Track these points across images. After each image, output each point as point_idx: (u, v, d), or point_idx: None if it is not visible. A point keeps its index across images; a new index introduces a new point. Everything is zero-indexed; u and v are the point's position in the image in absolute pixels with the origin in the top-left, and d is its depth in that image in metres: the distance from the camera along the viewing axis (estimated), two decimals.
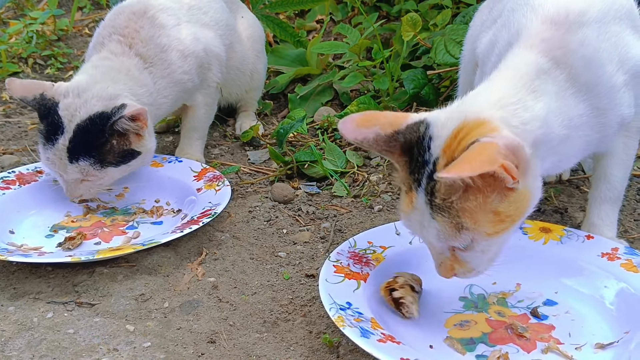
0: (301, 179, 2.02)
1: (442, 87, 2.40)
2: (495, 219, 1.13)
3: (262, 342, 1.33)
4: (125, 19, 1.85)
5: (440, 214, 1.13)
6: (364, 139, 1.18)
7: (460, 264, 1.22)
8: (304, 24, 3.13)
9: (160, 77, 1.85)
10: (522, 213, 1.16)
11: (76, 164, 1.66)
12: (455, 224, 1.13)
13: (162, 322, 1.38)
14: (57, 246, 1.62)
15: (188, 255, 1.62)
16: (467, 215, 1.12)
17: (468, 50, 1.80)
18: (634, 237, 1.65)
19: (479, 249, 1.18)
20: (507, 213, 1.13)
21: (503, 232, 1.16)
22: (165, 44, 1.85)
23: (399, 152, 1.19)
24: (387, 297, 1.33)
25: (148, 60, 1.83)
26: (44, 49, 3.04)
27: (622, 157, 1.49)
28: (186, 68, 1.90)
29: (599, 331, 1.29)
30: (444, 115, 1.18)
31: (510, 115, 1.17)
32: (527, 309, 1.36)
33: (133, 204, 1.84)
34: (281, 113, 2.54)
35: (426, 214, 1.16)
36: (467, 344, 1.26)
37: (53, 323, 1.37)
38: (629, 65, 1.33)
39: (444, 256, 1.22)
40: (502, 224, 1.14)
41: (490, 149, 1.07)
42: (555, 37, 1.27)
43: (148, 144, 1.74)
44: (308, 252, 1.64)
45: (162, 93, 1.86)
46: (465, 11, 2.39)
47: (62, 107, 1.66)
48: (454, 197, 1.12)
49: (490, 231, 1.14)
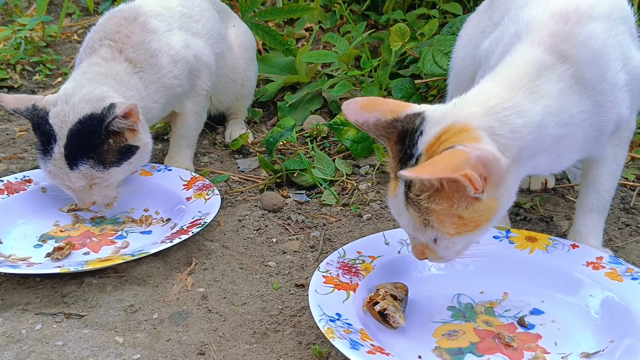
0: (290, 187, 2.03)
1: (429, 96, 2.41)
2: (459, 222, 1.18)
3: (251, 353, 1.34)
4: (116, 24, 1.86)
5: (412, 207, 1.20)
6: (365, 121, 1.23)
7: (430, 250, 1.27)
8: (292, 32, 3.14)
9: (150, 82, 1.85)
10: (487, 220, 1.20)
11: (77, 170, 1.67)
12: (422, 219, 1.19)
13: (151, 334, 1.39)
14: (45, 256, 1.62)
15: (177, 265, 1.62)
16: (434, 215, 1.18)
17: (459, 57, 1.81)
18: (618, 246, 1.67)
19: (443, 245, 1.24)
20: (471, 219, 1.18)
21: (466, 234, 1.20)
22: (155, 49, 1.86)
23: (395, 140, 1.23)
24: (372, 311, 1.34)
25: (138, 65, 1.83)
26: (32, 55, 3.04)
27: (611, 167, 1.50)
28: (176, 73, 1.91)
29: (585, 340, 1.31)
30: (440, 112, 1.21)
31: (499, 123, 1.19)
32: (514, 318, 1.38)
33: (122, 213, 1.84)
34: (270, 121, 2.55)
35: (402, 204, 1.22)
36: (455, 354, 1.27)
37: (42, 335, 1.37)
38: (630, 66, 1.35)
39: (417, 241, 1.28)
40: (466, 227, 1.19)
41: (458, 157, 1.11)
42: (563, 31, 1.28)
43: (144, 138, 1.75)
44: (298, 262, 1.65)
45: (152, 97, 1.87)
46: (452, 22, 2.41)
47: (52, 116, 1.67)
48: (423, 196, 1.17)
49: (452, 232, 1.19)
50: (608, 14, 1.33)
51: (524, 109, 1.21)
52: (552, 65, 1.26)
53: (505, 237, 1.55)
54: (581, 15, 1.30)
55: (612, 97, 1.32)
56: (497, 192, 1.18)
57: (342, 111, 1.26)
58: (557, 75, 1.26)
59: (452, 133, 1.16)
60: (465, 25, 1.86)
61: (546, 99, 1.24)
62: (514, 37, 1.34)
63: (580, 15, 1.30)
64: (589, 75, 1.28)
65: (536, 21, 1.32)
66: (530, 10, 1.35)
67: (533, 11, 1.34)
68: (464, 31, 1.85)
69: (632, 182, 1.94)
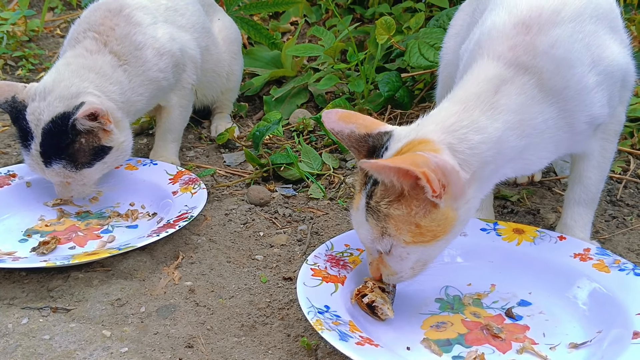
0: (277, 181, 2.03)
1: (416, 89, 2.42)
2: (416, 231, 1.20)
3: (240, 346, 1.33)
4: (100, 16, 1.84)
5: (371, 216, 1.23)
6: (340, 131, 1.28)
7: (385, 266, 1.29)
8: (278, 26, 3.13)
9: (135, 75, 1.84)
10: (445, 232, 1.21)
11: (51, 168, 1.66)
12: (380, 227, 1.22)
13: (138, 327, 1.38)
14: (31, 251, 1.60)
15: (164, 259, 1.61)
16: (392, 222, 1.20)
17: (449, 48, 1.80)
18: (605, 238, 1.68)
19: (397, 255, 1.25)
20: (429, 228, 1.20)
21: (421, 244, 1.22)
22: (140, 42, 1.85)
23: (364, 153, 1.28)
24: (360, 304, 1.34)
25: (122, 57, 1.81)
26: (14, 50, 3.00)
27: (598, 160, 1.51)
28: (162, 66, 1.89)
29: (572, 331, 1.31)
30: (405, 131, 1.26)
31: (458, 140, 1.21)
32: (501, 309, 1.38)
33: (107, 208, 1.83)
34: (256, 115, 2.54)
35: (362, 215, 1.25)
36: (443, 345, 1.27)
37: (28, 329, 1.36)
38: (603, 66, 1.32)
39: (373, 257, 1.30)
40: (422, 236, 1.20)
41: (418, 157, 1.15)
42: (524, 42, 1.27)
43: (119, 138, 1.73)
44: (285, 255, 1.64)
45: (136, 91, 1.85)
46: (439, 15, 2.41)
47: (29, 112, 1.67)
48: (383, 202, 1.20)
49: (408, 240, 1.21)
50: (575, 17, 1.30)
51: (481, 126, 1.23)
52: (512, 78, 1.26)
53: (492, 230, 1.55)
54: (543, 23, 1.28)
55: (578, 102, 1.31)
56: (456, 203, 1.20)
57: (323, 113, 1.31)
58: (518, 88, 1.26)
59: (412, 145, 1.21)
60: (456, 14, 1.85)
61: (505, 114, 1.25)
62: (476, 45, 1.35)
63: (542, 23, 1.28)
64: (551, 83, 1.28)
65: (498, 30, 1.31)
66: (494, 17, 1.34)
67: (496, 18, 1.33)
68: (455, 20, 1.84)
69: (619, 175, 1.95)
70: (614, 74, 1.36)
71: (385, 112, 2.34)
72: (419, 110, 2.35)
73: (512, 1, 1.34)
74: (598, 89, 1.33)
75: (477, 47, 1.33)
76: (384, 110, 2.35)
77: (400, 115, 2.32)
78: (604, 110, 1.36)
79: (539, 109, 1.28)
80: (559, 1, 1.31)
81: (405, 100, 2.31)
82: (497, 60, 1.28)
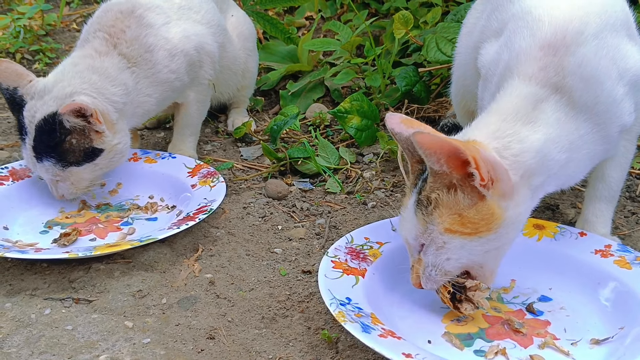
0: (294, 175, 2.03)
1: (433, 84, 2.41)
2: (458, 219, 1.20)
3: (261, 337, 1.34)
4: (112, 17, 1.83)
5: (419, 210, 1.24)
6: (399, 132, 1.30)
7: (420, 264, 1.28)
8: (293, 21, 3.13)
9: (144, 77, 1.83)
10: (487, 229, 1.21)
11: (42, 164, 1.69)
12: (426, 219, 1.23)
13: (160, 319, 1.38)
14: (52, 242, 1.61)
15: (184, 251, 1.62)
16: (437, 211, 1.21)
17: (463, 48, 1.81)
18: (624, 234, 1.67)
19: (435, 245, 1.24)
20: (471, 220, 1.20)
21: (460, 236, 1.21)
22: (151, 44, 1.83)
23: (417, 159, 1.29)
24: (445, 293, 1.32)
25: (132, 60, 1.81)
26: (32, 43, 3.02)
27: (620, 160, 1.52)
28: (173, 67, 1.88)
29: (594, 327, 1.31)
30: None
31: (503, 147, 1.24)
32: (522, 304, 1.38)
33: (127, 200, 1.84)
34: (272, 109, 2.54)
35: (411, 211, 1.27)
36: (464, 339, 1.28)
37: (51, 319, 1.37)
38: (629, 77, 1.35)
39: (414, 259, 1.30)
40: (463, 227, 1.20)
41: (471, 144, 1.17)
42: (553, 64, 1.29)
43: (111, 141, 1.72)
44: (304, 249, 1.65)
45: (143, 92, 1.84)
46: (456, 9, 2.40)
47: (25, 109, 1.69)
48: (433, 193, 1.21)
49: (447, 226, 1.21)
50: (597, 34, 1.32)
51: (523, 136, 1.25)
52: (547, 97, 1.29)
53: None
54: (569, 44, 1.30)
55: (611, 114, 1.33)
56: (505, 202, 1.21)
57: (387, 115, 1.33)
58: (552, 105, 1.29)
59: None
60: (469, 12, 1.85)
61: (545, 127, 1.27)
62: (505, 68, 1.36)
63: (567, 44, 1.30)
64: (583, 100, 1.30)
65: (525, 53, 1.33)
66: (520, 41, 1.35)
67: (522, 42, 1.34)
68: (467, 19, 1.84)
69: (638, 171, 1.94)
70: (638, 81, 1.38)
71: (402, 106, 2.33)
72: (436, 105, 2.34)
73: (534, 22, 1.35)
74: (626, 98, 1.35)
75: (507, 71, 1.35)
76: (401, 105, 2.34)
77: (417, 110, 2.31)
78: (632, 117, 1.39)
79: (575, 125, 1.30)
80: (581, 21, 1.32)
81: (422, 95, 2.31)
82: (529, 80, 1.30)
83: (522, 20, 1.38)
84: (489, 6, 1.63)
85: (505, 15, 1.47)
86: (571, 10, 1.33)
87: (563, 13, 1.33)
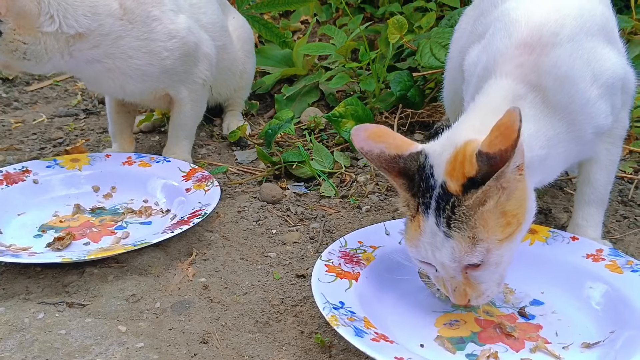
0: (289, 179, 2.03)
1: (427, 89, 2.42)
2: (503, 221, 1.16)
3: (254, 342, 1.34)
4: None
5: (457, 230, 1.16)
6: (369, 151, 1.22)
7: (472, 287, 1.23)
8: (288, 25, 3.14)
9: (135, 37, 1.82)
10: (523, 214, 1.19)
11: None
12: (470, 237, 1.15)
13: (154, 323, 1.39)
14: (46, 246, 1.61)
15: (178, 255, 1.62)
16: (482, 222, 1.14)
17: (454, 52, 1.82)
18: (616, 238, 1.68)
19: (493, 261, 1.19)
20: (513, 212, 1.17)
21: (510, 237, 1.18)
22: (155, 16, 1.84)
23: (395, 174, 1.23)
24: None
25: (129, 13, 1.80)
26: None
27: (605, 163, 1.53)
28: (168, 46, 1.87)
29: (585, 331, 1.32)
30: (438, 146, 1.22)
31: None
32: (514, 308, 1.39)
33: (121, 204, 1.84)
34: (267, 113, 2.55)
35: (439, 235, 1.18)
36: (457, 343, 1.28)
37: (44, 324, 1.37)
38: (604, 79, 1.36)
39: (457, 281, 1.23)
40: (509, 226, 1.17)
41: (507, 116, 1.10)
42: (529, 62, 1.31)
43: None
44: (298, 253, 1.65)
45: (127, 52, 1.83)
46: (450, 15, 2.42)
47: None
48: (478, 209, 1.15)
49: (500, 236, 1.16)
50: (573, 36, 1.33)
51: None
52: (525, 94, 1.29)
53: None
54: (544, 44, 1.31)
55: (584, 115, 1.35)
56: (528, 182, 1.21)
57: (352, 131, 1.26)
58: (529, 103, 1.29)
59: (463, 149, 1.18)
60: (461, 17, 1.87)
61: (525, 122, 1.23)
62: (484, 69, 1.37)
63: (543, 44, 1.31)
64: (557, 99, 1.31)
65: (502, 53, 1.34)
66: (498, 42, 1.36)
67: (499, 43, 1.36)
68: (459, 24, 1.86)
69: (630, 175, 1.95)
70: (615, 84, 1.39)
71: (396, 111, 2.34)
72: (430, 109, 2.35)
73: (511, 24, 1.36)
74: (601, 100, 1.36)
75: (485, 72, 1.36)
76: (395, 109, 2.35)
77: (411, 115, 2.32)
78: (609, 119, 1.40)
79: (551, 123, 1.31)
80: (556, 23, 1.34)
81: (416, 99, 2.32)
82: (506, 77, 1.31)
83: (500, 22, 1.40)
84: (477, 11, 1.66)
85: (489, 20, 1.49)
86: (548, 13, 1.35)
87: (539, 15, 1.35)
